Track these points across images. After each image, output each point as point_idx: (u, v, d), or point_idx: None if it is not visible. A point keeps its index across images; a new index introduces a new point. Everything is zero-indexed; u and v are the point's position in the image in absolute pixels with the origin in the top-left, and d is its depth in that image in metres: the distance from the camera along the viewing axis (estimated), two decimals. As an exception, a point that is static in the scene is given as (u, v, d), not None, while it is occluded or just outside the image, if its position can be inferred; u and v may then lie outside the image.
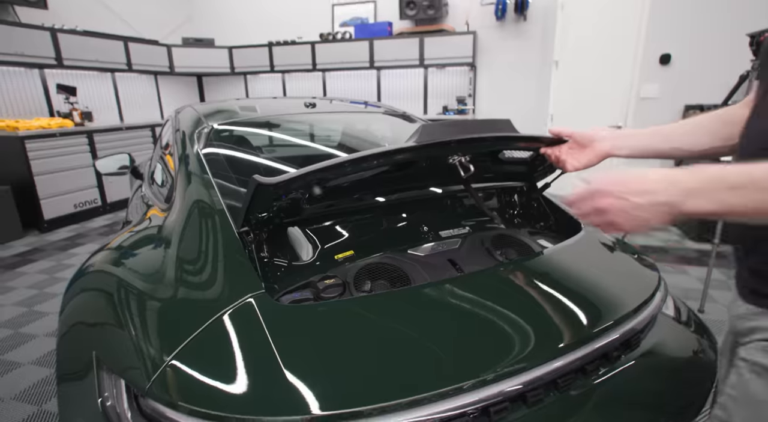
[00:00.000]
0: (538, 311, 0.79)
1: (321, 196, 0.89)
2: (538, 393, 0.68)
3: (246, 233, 0.86)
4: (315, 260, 0.96)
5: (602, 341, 0.76)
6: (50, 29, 3.85)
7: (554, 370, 0.69)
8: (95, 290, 0.95)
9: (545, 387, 0.69)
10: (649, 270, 1.01)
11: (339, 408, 0.59)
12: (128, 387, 0.68)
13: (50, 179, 3.68)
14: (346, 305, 0.78)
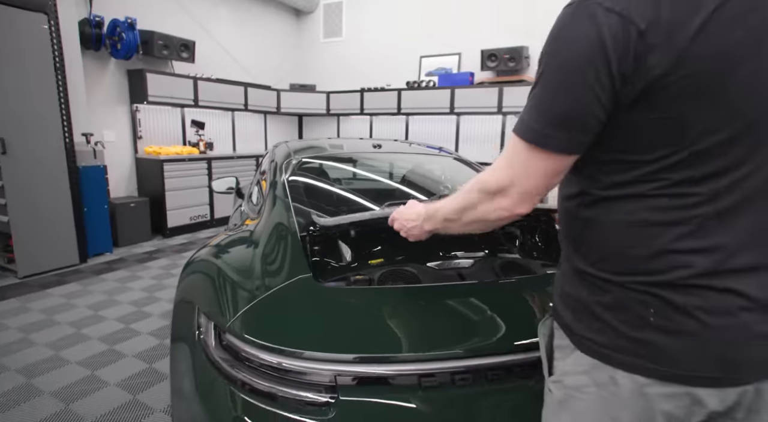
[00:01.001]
0: (511, 315, 0.98)
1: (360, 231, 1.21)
2: (496, 374, 0.87)
3: (305, 240, 1.19)
4: (353, 262, 1.25)
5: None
6: (193, 78, 4.88)
7: (509, 360, 0.88)
8: (201, 272, 1.34)
9: (501, 371, 0.88)
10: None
11: (353, 352, 0.86)
12: (215, 327, 1.02)
13: (176, 194, 4.55)
14: (364, 291, 1.05)
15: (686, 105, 0.53)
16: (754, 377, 0.58)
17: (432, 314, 1.01)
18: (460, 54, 5.64)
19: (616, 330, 0.60)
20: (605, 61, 0.53)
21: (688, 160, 0.55)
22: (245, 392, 0.87)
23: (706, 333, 0.56)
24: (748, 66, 0.52)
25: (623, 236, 0.60)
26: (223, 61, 5.73)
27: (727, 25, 0.51)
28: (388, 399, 0.84)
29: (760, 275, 0.57)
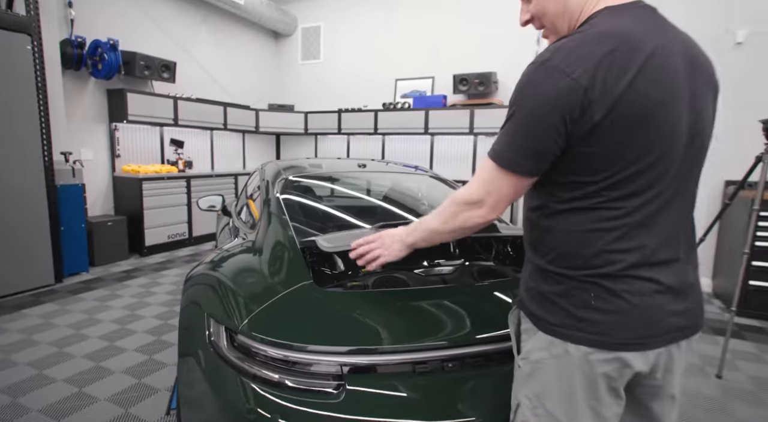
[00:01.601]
0: (487, 311, 1.15)
1: None
2: (478, 361, 1.02)
3: (304, 251, 1.32)
4: (348, 271, 1.38)
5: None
6: (173, 97, 4.94)
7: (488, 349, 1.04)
8: (206, 284, 1.44)
9: (481, 358, 1.03)
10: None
11: (355, 345, 0.99)
12: (226, 330, 1.12)
13: (155, 213, 4.54)
14: (361, 294, 1.19)
15: (617, 142, 0.71)
16: (666, 342, 0.77)
17: (421, 312, 1.16)
18: (434, 78, 5.95)
19: (567, 311, 0.77)
20: (560, 111, 0.70)
21: (620, 181, 0.73)
22: (260, 385, 0.98)
23: (632, 311, 0.74)
24: (659, 115, 0.71)
25: (573, 240, 0.77)
26: (203, 81, 5.82)
27: (645, 85, 0.69)
28: (387, 383, 0.98)
29: (670, 268, 0.77)
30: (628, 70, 0.68)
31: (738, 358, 2.47)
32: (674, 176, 0.75)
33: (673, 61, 0.72)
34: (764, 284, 3.03)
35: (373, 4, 6.28)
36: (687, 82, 0.73)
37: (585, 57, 0.69)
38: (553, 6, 0.81)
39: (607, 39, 0.70)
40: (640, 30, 0.72)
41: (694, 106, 0.75)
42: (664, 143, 0.72)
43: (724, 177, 3.58)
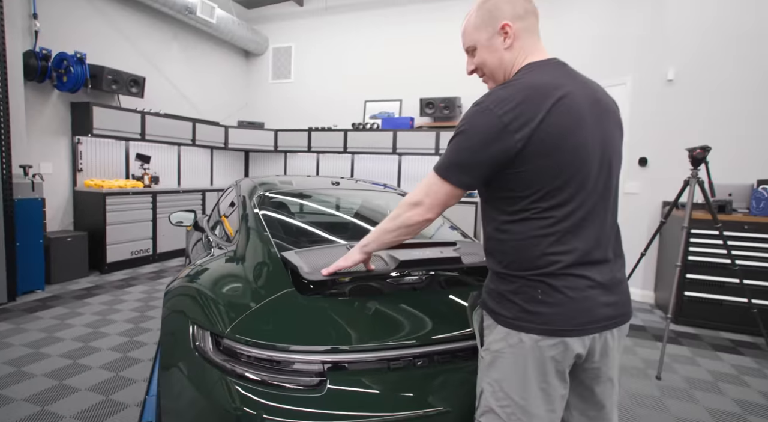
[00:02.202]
0: (453, 314, 1.28)
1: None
2: (445, 357, 1.15)
3: (285, 264, 1.42)
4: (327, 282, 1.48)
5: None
6: (141, 112, 4.90)
7: (455, 347, 1.17)
8: (185, 294, 1.50)
9: (448, 355, 1.17)
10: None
11: (330, 344, 1.09)
12: (212, 335, 1.19)
13: (118, 228, 4.43)
14: (340, 301, 1.29)
15: (538, 164, 0.90)
16: (600, 329, 0.94)
17: (393, 315, 1.28)
18: (401, 100, 6.22)
19: (519, 306, 0.93)
20: (488, 140, 0.90)
21: (547, 194, 0.91)
22: (247, 384, 1.06)
23: (570, 303, 0.91)
24: (569, 142, 0.90)
25: (521, 247, 0.94)
26: (172, 97, 5.80)
27: (555, 121, 0.89)
28: (365, 379, 1.09)
29: (600, 267, 0.95)
30: (540, 110, 0.89)
31: (675, 361, 2.73)
32: (592, 190, 0.94)
33: (578, 102, 0.92)
34: (697, 294, 3.37)
35: (343, 28, 6.53)
36: (592, 117, 0.94)
37: (508, 101, 0.90)
38: (491, 61, 1.04)
39: (526, 88, 0.92)
40: (551, 80, 0.94)
41: (602, 135, 0.96)
42: (576, 164, 0.91)
43: (661, 198, 3.96)
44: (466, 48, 1.08)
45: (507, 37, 1.00)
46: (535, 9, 1.03)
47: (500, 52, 1.01)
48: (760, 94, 3.60)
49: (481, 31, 1.03)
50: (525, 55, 1.01)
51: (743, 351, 2.95)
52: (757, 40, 3.58)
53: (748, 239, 3.22)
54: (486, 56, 1.04)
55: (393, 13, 6.20)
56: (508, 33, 1.00)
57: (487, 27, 1.02)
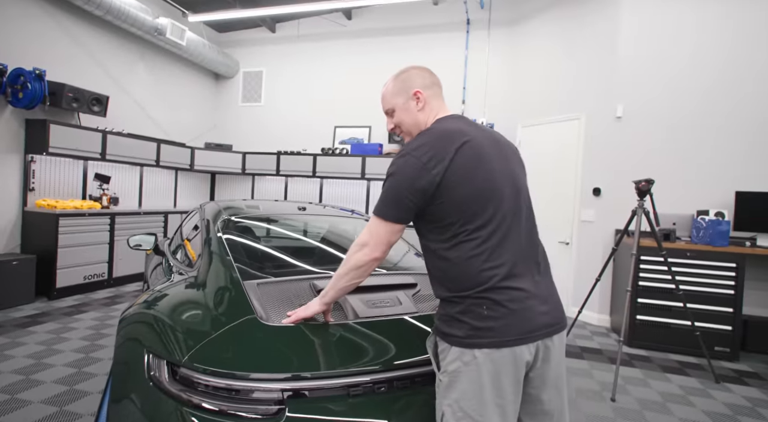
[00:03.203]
0: (406, 341, 1.31)
1: None
2: (405, 383, 1.18)
3: (246, 290, 1.41)
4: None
5: None
6: (102, 131, 4.76)
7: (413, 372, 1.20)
8: (142, 321, 1.45)
9: (407, 380, 1.19)
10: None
11: (288, 372, 1.09)
12: (168, 363, 1.16)
13: (70, 251, 4.21)
14: (298, 328, 1.30)
15: (456, 193, 1.05)
16: (542, 336, 1.04)
17: (356, 341, 1.29)
18: (371, 127, 6.36)
19: (469, 325, 1.01)
20: (413, 179, 1.07)
21: (469, 218, 1.05)
22: (203, 414, 1.04)
23: (513, 315, 1.01)
24: (479, 172, 1.07)
25: (460, 268, 1.05)
26: (137, 117, 5.68)
27: (463, 159, 1.06)
28: (324, 406, 1.09)
29: (527, 278, 1.07)
30: (450, 149, 1.07)
31: (628, 383, 2.85)
32: (507, 212, 1.09)
33: (480, 143, 1.11)
34: (647, 318, 3.56)
35: (314, 55, 6.68)
36: (495, 152, 1.13)
37: (424, 145, 1.09)
38: (407, 120, 1.25)
39: (437, 134, 1.12)
40: (457, 128, 1.13)
41: (507, 168, 1.14)
42: (487, 190, 1.08)
43: (614, 226, 4.21)
44: (386, 110, 1.29)
45: (419, 101, 1.22)
46: (438, 80, 1.28)
47: (414, 113, 1.23)
48: (699, 129, 3.95)
49: (398, 97, 1.25)
50: (434, 114, 1.23)
51: (689, 371, 3.11)
52: (695, 78, 3.96)
53: (690, 265, 3.46)
54: (403, 117, 1.25)
55: (364, 43, 6.42)
56: (419, 98, 1.22)
57: (402, 93, 1.24)
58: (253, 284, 1.47)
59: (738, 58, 3.86)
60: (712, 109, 3.92)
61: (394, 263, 2.20)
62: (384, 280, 1.68)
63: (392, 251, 2.34)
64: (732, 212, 3.72)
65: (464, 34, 5.88)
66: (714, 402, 2.63)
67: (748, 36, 3.83)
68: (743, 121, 3.83)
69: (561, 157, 4.71)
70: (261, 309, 1.33)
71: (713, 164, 3.91)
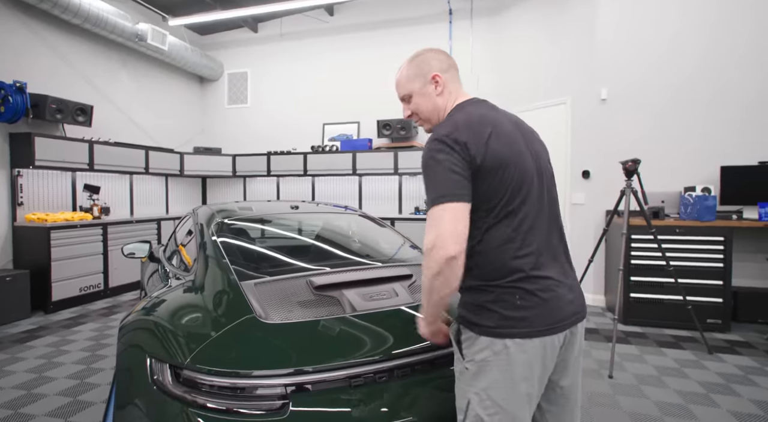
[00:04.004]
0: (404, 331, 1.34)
1: None
2: (404, 371, 1.21)
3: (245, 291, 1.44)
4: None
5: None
6: (89, 142, 4.72)
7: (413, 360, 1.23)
8: (142, 327, 1.46)
9: (407, 368, 1.22)
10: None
11: (290, 367, 1.12)
12: (170, 367, 1.18)
13: (64, 264, 4.18)
14: (297, 324, 1.32)
15: (492, 178, 1.01)
16: (569, 325, 1.04)
17: (354, 333, 1.32)
18: (359, 122, 6.35)
19: (499, 314, 0.99)
20: (457, 158, 0.99)
21: (501, 207, 1.02)
22: (209, 414, 1.06)
23: (544, 304, 0.99)
24: (508, 160, 1.03)
25: (492, 257, 1.02)
26: (123, 125, 5.63)
27: (496, 143, 1.02)
28: (327, 398, 1.11)
29: (555, 265, 1.06)
30: (484, 133, 1.03)
31: (625, 360, 2.91)
32: (534, 198, 1.06)
33: (507, 127, 1.08)
34: (640, 295, 3.63)
35: (298, 53, 6.65)
36: (522, 139, 1.09)
37: (457, 128, 1.03)
38: (425, 105, 1.19)
39: (466, 118, 1.06)
40: (483, 112, 1.09)
41: (532, 153, 1.10)
42: (519, 176, 1.04)
43: (604, 207, 4.27)
44: (402, 96, 1.22)
45: (438, 85, 1.17)
46: (454, 63, 1.21)
47: (433, 98, 1.17)
48: (682, 108, 4.01)
49: (414, 82, 1.19)
50: (453, 99, 1.17)
51: (683, 345, 3.19)
52: (676, 60, 4.01)
53: (679, 241, 3.53)
54: (421, 102, 1.19)
55: (348, 39, 6.39)
56: (438, 82, 1.17)
57: (419, 78, 1.18)
58: (250, 284, 1.49)
59: (718, 39, 3.91)
60: (694, 88, 3.98)
61: (389, 256, 2.23)
62: (379, 273, 1.71)
63: (387, 245, 2.41)
64: (718, 187, 3.79)
65: (447, 25, 5.88)
66: (708, 373, 2.70)
67: (729, 18, 3.87)
68: (725, 98, 3.89)
69: (550, 142, 4.66)
70: (260, 308, 1.35)
71: (698, 140, 3.97)
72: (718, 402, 2.33)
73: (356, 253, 2.25)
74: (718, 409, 2.26)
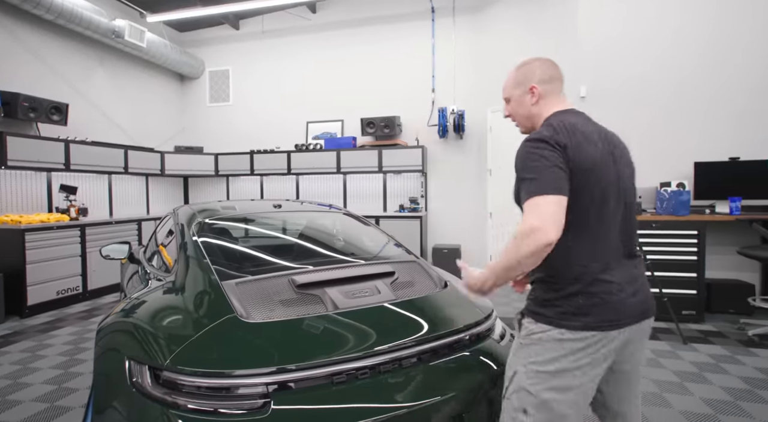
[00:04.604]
0: (384, 325, 1.36)
1: None
2: (387, 367, 1.22)
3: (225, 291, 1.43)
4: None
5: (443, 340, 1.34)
6: (65, 141, 4.59)
7: (395, 357, 1.24)
8: (120, 329, 1.44)
9: (389, 364, 1.23)
10: (485, 312, 1.60)
11: (271, 366, 1.12)
12: (150, 368, 1.17)
13: (40, 267, 4.07)
14: (278, 323, 1.32)
15: (578, 179, 1.08)
16: (630, 323, 1.11)
17: (336, 330, 1.33)
18: (343, 120, 6.34)
19: (561, 308, 1.10)
20: (557, 155, 1.08)
21: (576, 212, 1.08)
22: (190, 415, 1.06)
23: (605, 305, 1.08)
24: (596, 167, 1.10)
25: (563, 260, 1.10)
26: (101, 124, 5.50)
27: (587, 148, 1.10)
28: (309, 395, 1.12)
29: (619, 271, 1.12)
30: (576, 139, 1.12)
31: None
32: (612, 209, 1.14)
33: (595, 138, 1.16)
34: (619, 289, 3.72)
35: (280, 51, 6.59)
36: (607, 151, 1.16)
37: (557, 132, 1.12)
38: (520, 112, 1.31)
39: (563, 125, 1.15)
40: (579, 123, 1.18)
41: (617, 171, 1.17)
42: (602, 183, 1.11)
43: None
44: (504, 97, 1.34)
45: (533, 96, 1.26)
46: (559, 75, 1.29)
47: (528, 107, 1.28)
48: (657, 105, 4.12)
49: (516, 89, 1.30)
50: (549, 108, 1.25)
51: (660, 336, 3.29)
52: (648, 59, 4.11)
53: (655, 235, 3.63)
54: (516, 108, 1.31)
55: (331, 37, 6.36)
56: (534, 93, 1.26)
57: (520, 86, 1.28)
58: (231, 283, 1.48)
59: (692, 37, 4.02)
60: (667, 86, 4.09)
61: (373, 254, 2.24)
62: (362, 270, 1.72)
63: (371, 242, 2.42)
64: (692, 183, 3.91)
65: (430, 23, 5.90)
66: (682, 362, 2.79)
67: (700, 15, 3.99)
68: (696, 96, 4.01)
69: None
70: (241, 308, 1.35)
71: (672, 137, 4.08)
72: (691, 390, 2.41)
73: (339, 251, 2.26)
74: (691, 397, 2.34)
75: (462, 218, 5.77)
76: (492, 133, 5.39)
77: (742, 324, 3.41)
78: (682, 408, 2.22)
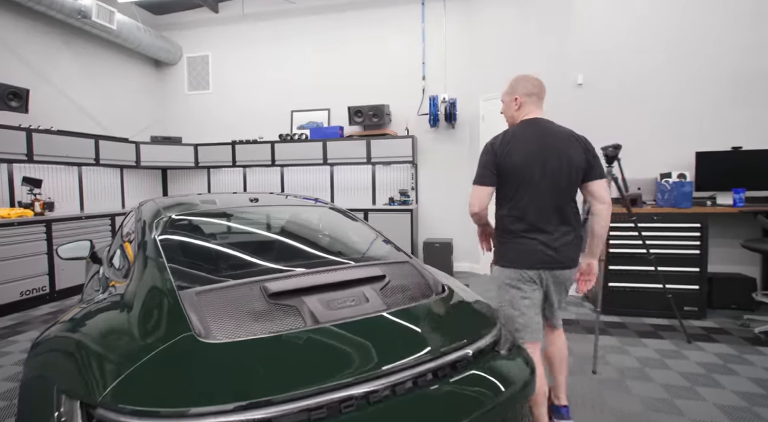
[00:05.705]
0: (400, 339, 1.14)
1: None
2: (375, 397, 1.00)
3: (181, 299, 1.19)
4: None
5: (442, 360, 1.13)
6: (26, 129, 4.24)
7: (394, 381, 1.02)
8: (58, 350, 1.20)
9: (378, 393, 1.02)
10: (490, 320, 1.39)
11: (237, 400, 0.89)
12: (82, 405, 0.94)
13: (1, 266, 3.76)
14: (245, 342, 1.09)
15: (506, 175, 1.74)
16: (543, 267, 1.72)
17: (316, 353, 1.10)
18: (329, 109, 6.06)
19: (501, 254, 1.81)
20: (491, 159, 1.76)
21: (510, 191, 1.75)
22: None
23: (525, 252, 1.72)
24: (518, 167, 1.71)
25: (502, 221, 1.79)
26: (67, 111, 5.13)
27: (515, 150, 1.72)
28: None
29: (543, 234, 1.71)
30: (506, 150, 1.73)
31: (607, 352, 2.83)
32: (534, 191, 1.70)
33: (530, 141, 1.73)
34: (620, 284, 3.57)
35: (263, 36, 6.25)
36: (537, 151, 1.71)
37: (501, 142, 1.76)
38: (507, 113, 1.91)
39: (508, 135, 1.77)
40: (524, 131, 1.77)
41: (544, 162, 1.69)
42: (520, 178, 1.72)
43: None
44: (501, 99, 1.92)
45: (516, 103, 1.84)
46: (540, 91, 1.84)
47: (512, 111, 1.87)
48: (658, 94, 3.95)
49: (507, 95, 1.88)
50: (524, 115, 1.83)
51: (662, 334, 3.15)
52: (651, 45, 3.93)
53: (657, 228, 3.47)
54: (505, 109, 1.91)
55: (316, 21, 6.05)
56: (517, 101, 1.84)
57: (510, 93, 1.87)
58: (190, 293, 1.25)
59: (694, 22, 3.85)
60: (669, 74, 3.92)
61: (361, 254, 2.02)
62: (348, 274, 1.49)
63: (358, 239, 2.19)
64: (693, 173, 3.76)
65: (420, 6, 5.63)
66: (688, 363, 2.65)
67: (699, 2, 3.81)
68: (699, 84, 3.85)
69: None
70: (199, 324, 1.11)
71: (673, 126, 3.93)
72: (703, 395, 2.26)
73: (324, 250, 2.03)
74: (704, 402, 2.19)
75: (454, 210, 5.56)
76: (484, 122, 5.18)
77: (746, 321, 3.29)
78: (694, 417, 2.06)
